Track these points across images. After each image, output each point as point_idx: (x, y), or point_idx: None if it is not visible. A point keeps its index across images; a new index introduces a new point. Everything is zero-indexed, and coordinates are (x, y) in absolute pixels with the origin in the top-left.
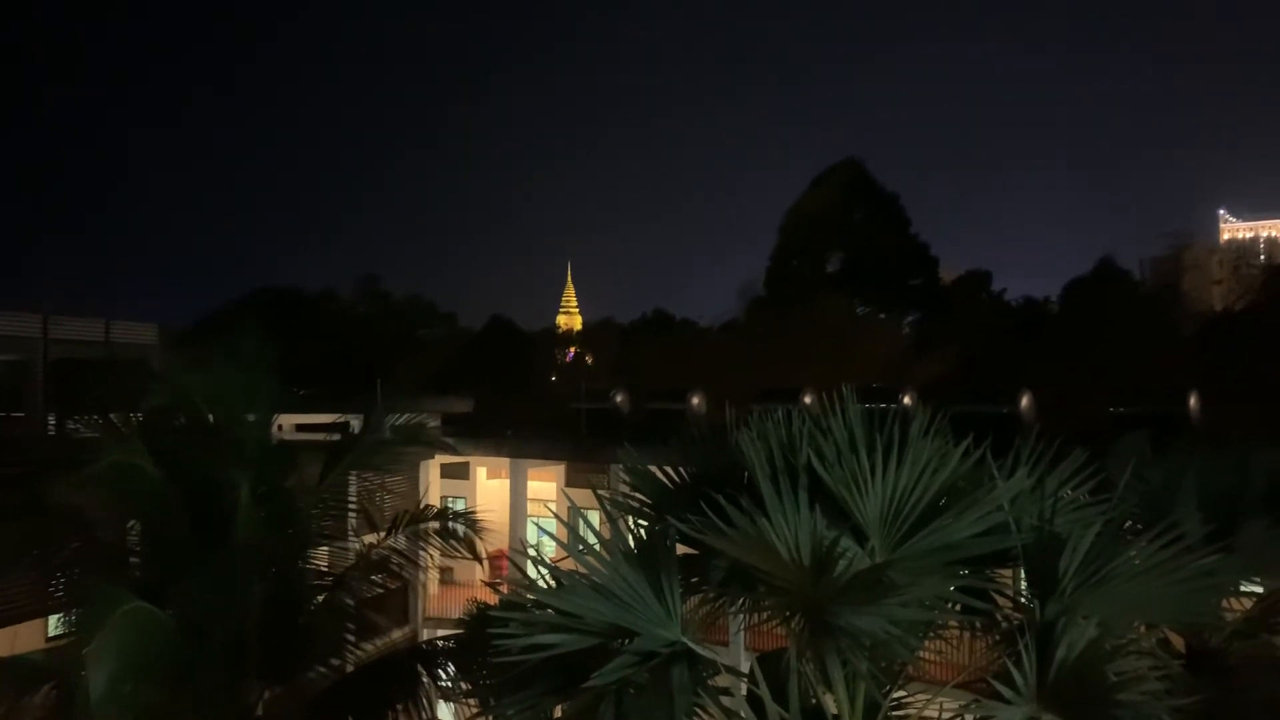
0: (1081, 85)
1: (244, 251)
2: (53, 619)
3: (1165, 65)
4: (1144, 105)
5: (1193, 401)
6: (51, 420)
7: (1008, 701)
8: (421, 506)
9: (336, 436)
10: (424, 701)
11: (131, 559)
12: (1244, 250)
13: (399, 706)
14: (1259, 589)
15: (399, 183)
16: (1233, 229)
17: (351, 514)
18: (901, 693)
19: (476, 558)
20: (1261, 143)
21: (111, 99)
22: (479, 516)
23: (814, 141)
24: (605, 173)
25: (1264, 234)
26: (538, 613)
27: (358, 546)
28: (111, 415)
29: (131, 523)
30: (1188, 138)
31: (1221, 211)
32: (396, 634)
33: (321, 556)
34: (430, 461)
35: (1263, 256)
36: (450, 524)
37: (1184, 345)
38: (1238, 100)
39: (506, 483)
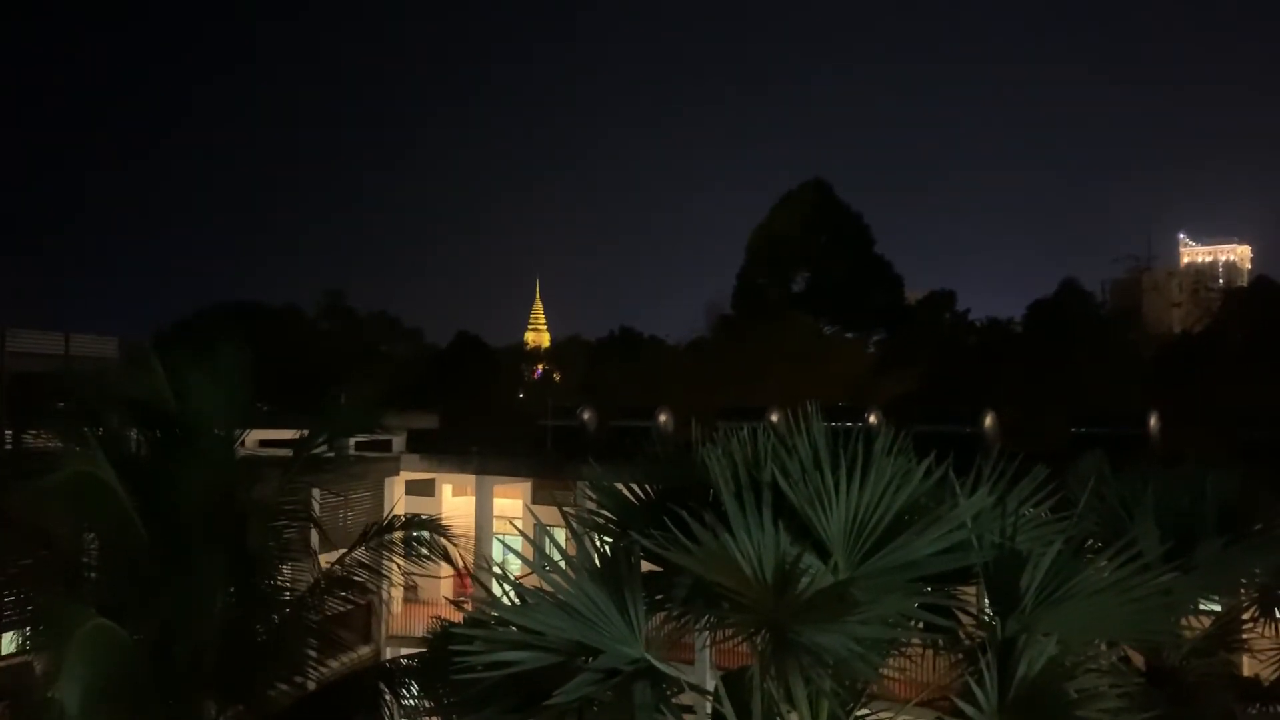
0: (1045, 107)
1: (206, 265)
2: (6, 636)
3: (1128, 89)
4: (1106, 129)
5: (1152, 422)
6: (9, 434)
7: (970, 719)
8: (387, 517)
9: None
10: None
11: (90, 574)
12: (1202, 273)
13: None
14: (1217, 607)
15: (365, 198)
16: (1192, 252)
17: (315, 530)
18: (865, 711)
19: (450, 563)
20: (1221, 168)
21: (70, 111)
22: (447, 524)
23: (780, 161)
24: (575, 190)
25: (1222, 258)
26: (501, 630)
27: (321, 563)
28: (73, 427)
29: (90, 537)
30: (1149, 161)
31: (1181, 235)
32: (360, 652)
33: (285, 573)
34: (395, 478)
35: (1221, 280)
36: (416, 533)
37: (1144, 367)
38: (1198, 125)
39: (472, 500)
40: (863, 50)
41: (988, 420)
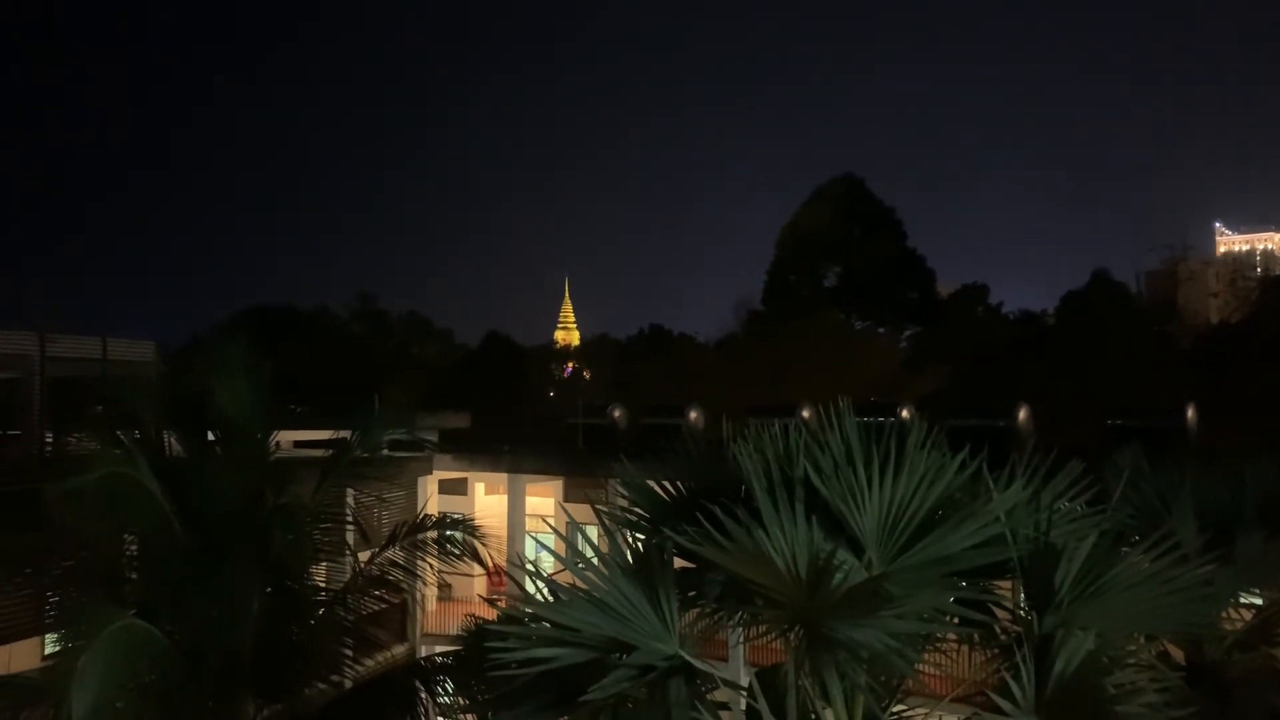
0: (1079, 98)
1: (240, 270)
2: (49, 637)
3: (1163, 79)
4: (1141, 118)
5: (1190, 414)
6: (49, 438)
7: (1006, 714)
8: (420, 517)
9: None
10: (422, 718)
11: (129, 575)
12: (1240, 263)
13: None
14: (1258, 601)
15: (395, 200)
16: (1229, 241)
17: (350, 529)
18: (900, 706)
19: (480, 562)
20: (1258, 155)
21: (107, 118)
22: (479, 524)
23: (812, 156)
24: (605, 188)
25: (1260, 246)
26: (535, 627)
27: (356, 562)
28: (111, 430)
29: (130, 538)
30: (1185, 150)
31: (1218, 224)
32: (395, 650)
33: (320, 572)
34: (428, 477)
35: (1259, 269)
36: (449, 532)
37: (1180, 358)
38: (1235, 113)
39: (505, 498)
40: (895, 44)
41: (1021, 414)
